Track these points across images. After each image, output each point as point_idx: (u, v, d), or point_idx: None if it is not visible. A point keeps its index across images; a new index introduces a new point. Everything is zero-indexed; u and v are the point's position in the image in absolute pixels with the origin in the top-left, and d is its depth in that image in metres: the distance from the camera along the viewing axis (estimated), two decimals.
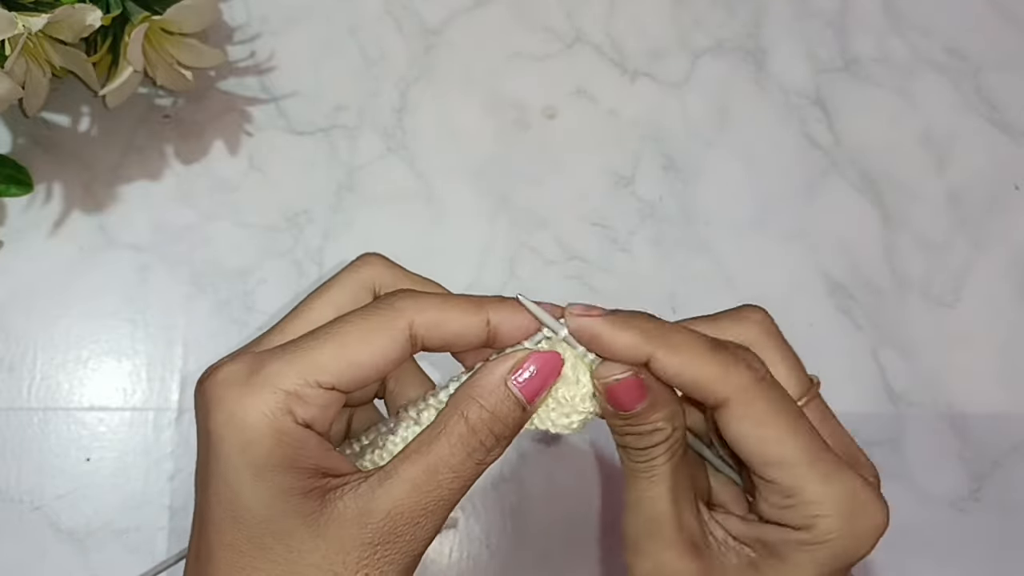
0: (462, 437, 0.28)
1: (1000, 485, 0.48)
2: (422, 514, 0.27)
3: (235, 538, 0.27)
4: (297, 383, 0.27)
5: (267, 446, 0.27)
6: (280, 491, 0.27)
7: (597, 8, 0.52)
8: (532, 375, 0.29)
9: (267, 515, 0.27)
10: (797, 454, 0.29)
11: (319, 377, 0.27)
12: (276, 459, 0.27)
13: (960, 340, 0.50)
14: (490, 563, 0.44)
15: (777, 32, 0.53)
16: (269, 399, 0.27)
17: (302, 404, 0.27)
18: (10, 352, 0.44)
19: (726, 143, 0.51)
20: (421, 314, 0.28)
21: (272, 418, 0.27)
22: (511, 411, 0.29)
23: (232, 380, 0.27)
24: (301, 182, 0.48)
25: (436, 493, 0.28)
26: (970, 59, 0.54)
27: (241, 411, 0.27)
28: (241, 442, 0.27)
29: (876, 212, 0.51)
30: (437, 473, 0.28)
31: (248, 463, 0.27)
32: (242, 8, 0.49)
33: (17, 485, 0.42)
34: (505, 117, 0.50)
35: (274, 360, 0.28)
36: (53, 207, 0.45)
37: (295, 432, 0.27)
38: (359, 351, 0.28)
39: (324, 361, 0.27)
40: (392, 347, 0.28)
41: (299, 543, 0.27)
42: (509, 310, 0.30)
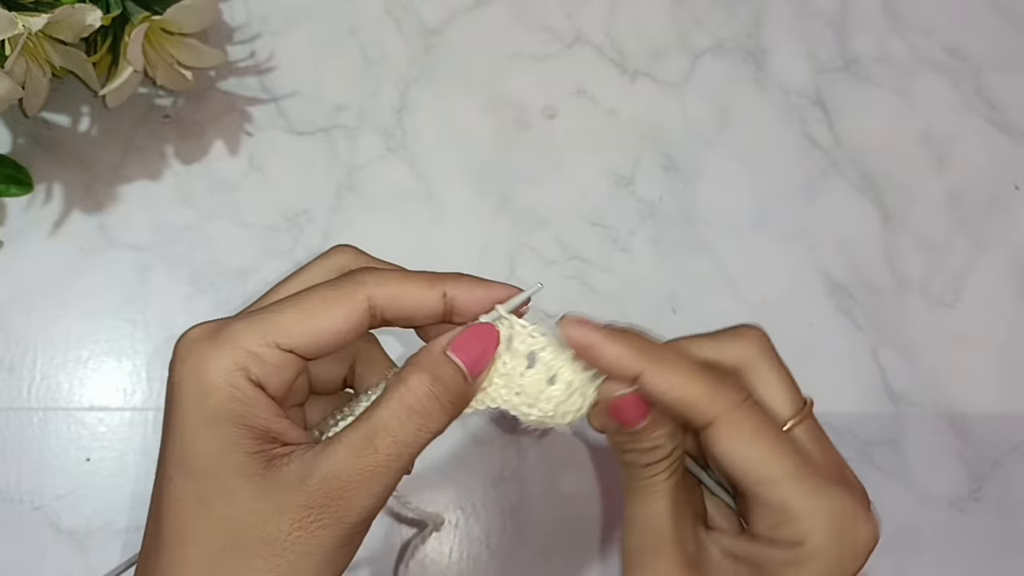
0: (400, 400, 0.29)
1: (1000, 485, 0.48)
2: (358, 479, 0.28)
3: (182, 492, 0.28)
4: (256, 342, 0.28)
5: (219, 398, 0.28)
6: (227, 445, 0.28)
7: (597, 8, 0.52)
8: (462, 335, 0.30)
9: (213, 469, 0.28)
10: (783, 472, 0.30)
11: (278, 339, 0.28)
12: (226, 412, 0.28)
13: (960, 340, 0.50)
14: (490, 563, 0.44)
15: (777, 32, 0.53)
16: (228, 354, 0.28)
17: (258, 362, 0.28)
18: (10, 352, 0.44)
19: (726, 143, 0.51)
20: (380, 287, 0.30)
21: (227, 372, 0.28)
22: (451, 377, 0.30)
23: (198, 337, 0.29)
24: (301, 182, 0.48)
25: (372, 458, 0.28)
26: (970, 59, 0.54)
27: (201, 363, 0.28)
28: (198, 392, 0.28)
29: (876, 212, 0.51)
30: (374, 437, 0.28)
31: (201, 412, 0.28)
32: (242, 8, 0.49)
33: (17, 485, 0.42)
34: (505, 117, 0.50)
35: (238, 321, 0.29)
36: (53, 207, 0.45)
37: (247, 389, 0.28)
38: (319, 317, 0.29)
39: (284, 324, 0.29)
40: (351, 316, 0.29)
41: (239, 501, 0.27)
42: (465, 285, 0.31)
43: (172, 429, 0.28)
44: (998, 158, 0.53)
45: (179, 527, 0.28)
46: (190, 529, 0.28)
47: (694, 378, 0.30)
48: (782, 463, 0.30)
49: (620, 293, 0.48)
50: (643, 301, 0.48)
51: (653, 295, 0.48)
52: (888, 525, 0.47)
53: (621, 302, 0.48)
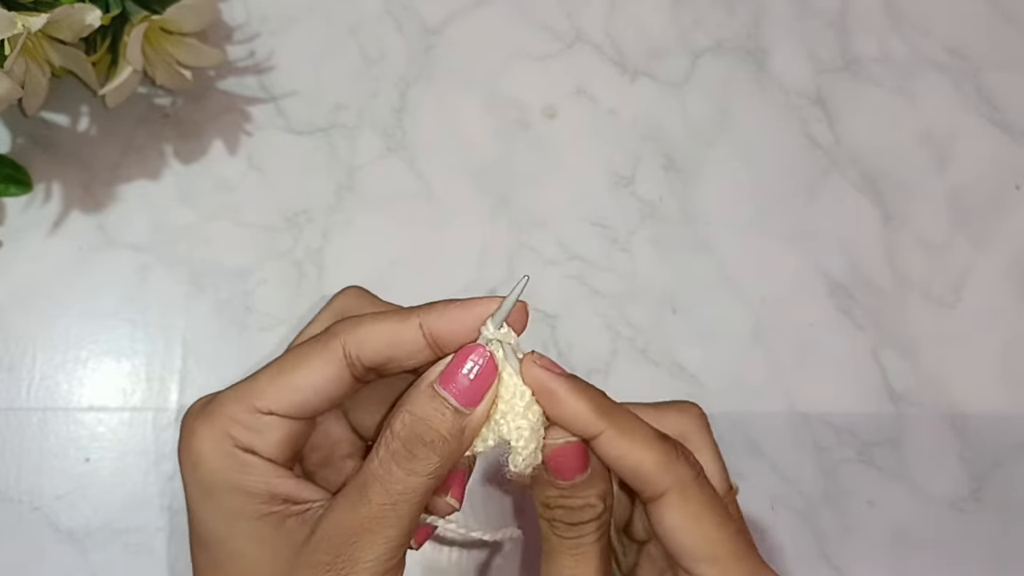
0: (388, 447, 0.28)
1: (1000, 485, 0.48)
2: (356, 532, 0.27)
3: (200, 562, 0.29)
4: (235, 410, 0.28)
5: (211, 468, 0.28)
6: (231, 513, 0.28)
7: (597, 8, 0.52)
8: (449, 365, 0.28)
9: (222, 536, 0.28)
10: (728, 551, 0.30)
11: (256, 402, 0.28)
12: (221, 482, 0.28)
13: (960, 340, 0.50)
14: (489, 563, 0.44)
15: (777, 32, 0.53)
16: (212, 425, 0.28)
17: (241, 429, 0.28)
18: (9, 352, 0.44)
19: (726, 143, 0.51)
20: (352, 332, 0.29)
21: (214, 442, 0.28)
22: (436, 413, 0.28)
23: (191, 412, 0.30)
24: (301, 182, 0.48)
25: (365, 509, 0.27)
26: (970, 59, 0.54)
27: (193, 438, 0.29)
28: (191, 466, 0.28)
29: (876, 212, 0.51)
30: (366, 487, 0.28)
31: (199, 485, 0.28)
32: (241, 8, 0.49)
33: (17, 485, 0.42)
34: (505, 117, 0.50)
35: (224, 393, 0.29)
36: (52, 207, 0.45)
37: (237, 455, 0.28)
38: (293, 375, 0.29)
39: (260, 387, 0.29)
40: (327, 369, 0.29)
41: (251, 565, 0.28)
42: (437, 311, 0.29)
43: (187, 504, 0.29)
44: (998, 158, 0.53)
45: None
46: None
47: (652, 446, 0.29)
48: (727, 542, 0.30)
49: (620, 293, 0.48)
50: (643, 301, 0.48)
51: (653, 295, 0.48)
52: (888, 525, 0.47)
53: (621, 302, 0.48)
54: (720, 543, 0.30)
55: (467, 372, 0.28)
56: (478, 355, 0.28)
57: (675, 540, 0.30)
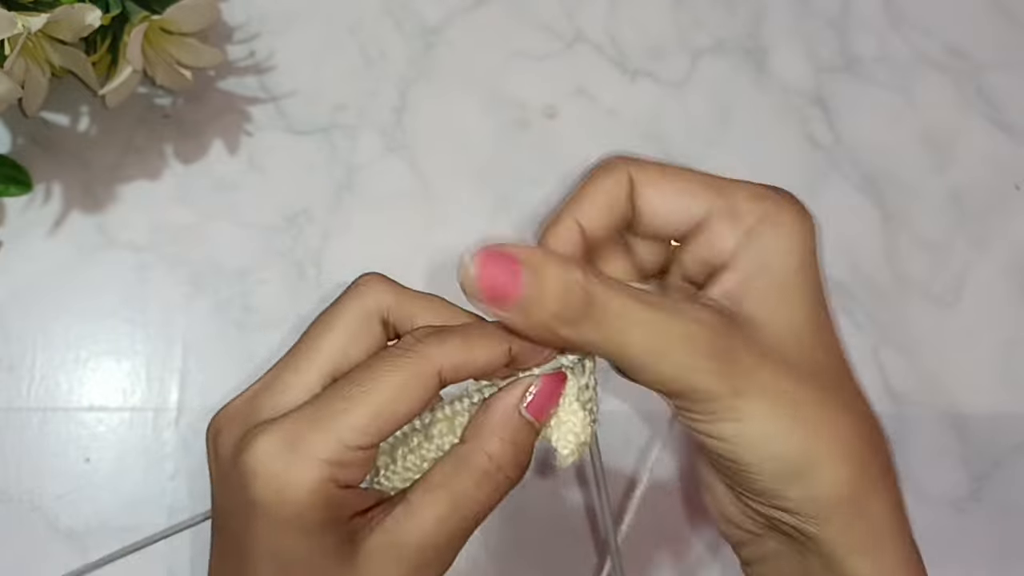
0: (487, 473, 0.29)
1: (1000, 485, 0.48)
2: (447, 545, 0.29)
3: None
4: (337, 450, 0.27)
5: (316, 515, 0.27)
6: (324, 547, 0.28)
7: (597, 7, 0.52)
8: (538, 395, 0.30)
9: (313, 569, 0.28)
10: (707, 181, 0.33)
11: (358, 441, 0.28)
12: (323, 522, 0.27)
13: (960, 340, 0.50)
14: (489, 563, 0.44)
15: (777, 32, 0.53)
16: (314, 472, 0.27)
17: (343, 469, 0.28)
18: (9, 352, 0.44)
19: (726, 143, 0.51)
20: (448, 358, 0.28)
21: (319, 490, 0.27)
22: (527, 437, 0.30)
23: (273, 453, 0.28)
24: (301, 182, 0.48)
25: (460, 526, 0.29)
26: (970, 59, 0.54)
27: (289, 486, 0.27)
28: (291, 514, 0.27)
29: (876, 212, 0.51)
30: (462, 508, 0.29)
31: (299, 531, 0.27)
32: (241, 7, 0.49)
33: (17, 485, 0.42)
34: (505, 117, 0.50)
35: (310, 429, 0.28)
36: (52, 207, 0.45)
37: (339, 495, 0.28)
38: (393, 408, 0.28)
39: (360, 424, 0.28)
40: (424, 397, 0.28)
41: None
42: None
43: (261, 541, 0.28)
44: (998, 158, 0.53)
45: None
46: None
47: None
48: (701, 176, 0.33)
49: None
50: None
51: None
52: None
53: None
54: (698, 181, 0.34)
55: (551, 400, 0.30)
56: (561, 383, 0.30)
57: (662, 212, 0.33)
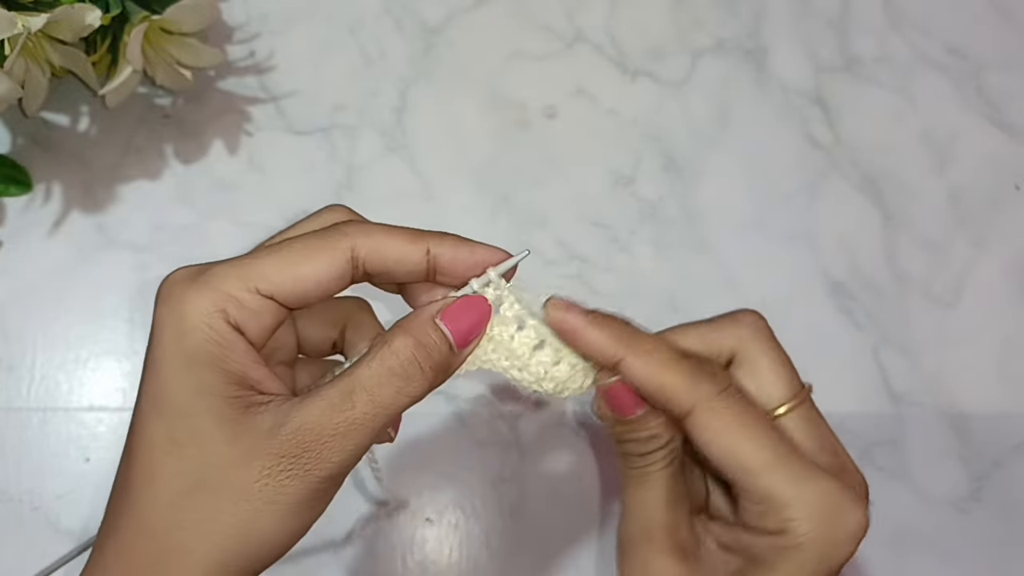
0: (382, 359, 0.29)
1: (1000, 485, 0.48)
2: (332, 433, 0.28)
3: (154, 431, 0.28)
4: (237, 286, 0.28)
5: (197, 339, 0.28)
6: (202, 387, 0.28)
7: (597, 8, 0.52)
8: (451, 306, 0.30)
9: (187, 410, 0.28)
10: (764, 460, 0.30)
11: (259, 284, 0.28)
12: (204, 354, 0.28)
13: (960, 340, 0.50)
14: (489, 563, 0.44)
15: (777, 32, 0.53)
16: (207, 296, 0.28)
17: (237, 306, 0.28)
18: (10, 352, 0.44)
19: (726, 143, 0.51)
20: (364, 237, 0.29)
21: (206, 313, 0.28)
22: (437, 344, 0.29)
23: (180, 279, 0.29)
24: (301, 182, 0.48)
25: (348, 414, 0.28)
26: (970, 59, 0.54)
27: (181, 304, 0.28)
28: (176, 332, 0.28)
29: (876, 212, 0.51)
30: (352, 393, 0.28)
31: (179, 353, 0.28)
32: (241, 7, 0.49)
33: (17, 485, 0.42)
34: (505, 117, 0.50)
35: (220, 265, 0.29)
36: (52, 207, 0.45)
37: (225, 331, 0.28)
38: (301, 265, 0.29)
39: (265, 270, 0.29)
40: (333, 265, 0.29)
41: (210, 444, 0.27)
42: (449, 243, 0.30)
43: (150, 369, 0.29)
44: (998, 158, 0.53)
45: (149, 465, 0.28)
46: (159, 468, 0.28)
47: (671, 367, 0.31)
48: (764, 452, 0.30)
49: (620, 293, 0.48)
50: (643, 301, 0.48)
51: (653, 295, 0.48)
52: (888, 525, 0.47)
53: (621, 302, 0.48)
54: (754, 453, 0.30)
55: (470, 317, 0.30)
56: (480, 304, 0.30)
57: (712, 456, 0.31)
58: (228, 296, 0.28)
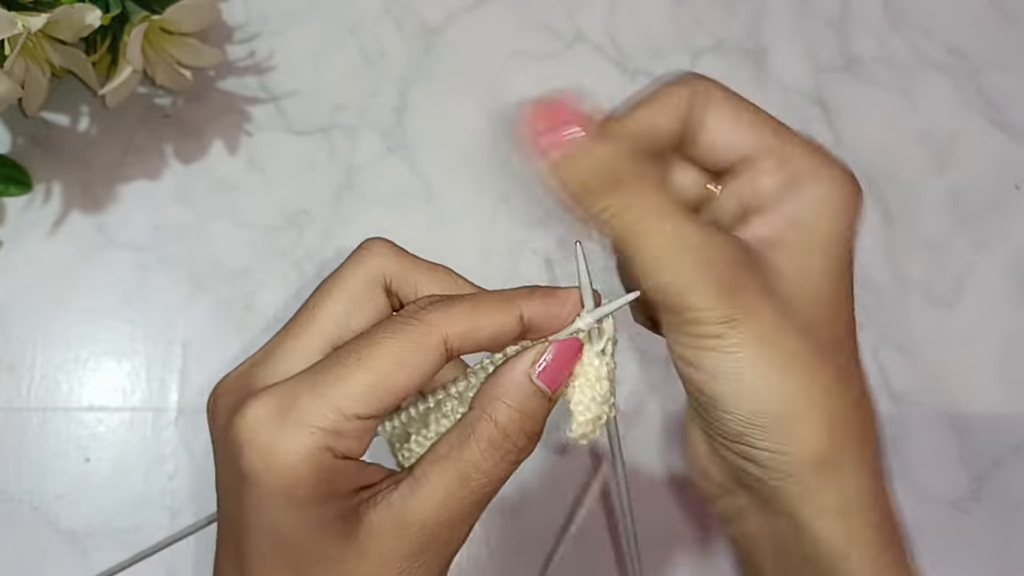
0: (493, 441, 0.27)
1: (1000, 485, 0.48)
2: (457, 519, 0.27)
3: (276, 564, 0.27)
4: (333, 418, 0.26)
5: (309, 486, 0.26)
6: (322, 521, 0.26)
7: (597, 7, 0.52)
8: (551, 362, 0.28)
9: (309, 543, 0.26)
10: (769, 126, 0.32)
11: (356, 410, 0.26)
12: (318, 494, 0.26)
13: (960, 340, 0.50)
14: (489, 563, 0.44)
15: (777, 32, 0.53)
16: (307, 440, 0.25)
17: (340, 438, 0.26)
18: (10, 352, 0.44)
19: None
20: (453, 326, 0.27)
21: (312, 459, 0.26)
22: (539, 406, 0.28)
23: (264, 420, 0.26)
24: (301, 182, 0.48)
25: (470, 499, 0.27)
26: (970, 59, 0.54)
27: (280, 454, 0.26)
28: (282, 484, 0.26)
29: (876, 212, 0.51)
30: (470, 480, 0.27)
31: (290, 502, 0.26)
32: (241, 7, 0.49)
33: (17, 485, 0.42)
34: (505, 117, 0.50)
35: (305, 395, 0.26)
36: (52, 207, 0.45)
37: (335, 466, 0.26)
38: (394, 377, 0.26)
39: (358, 392, 0.26)
40: (427, 366, 0.27)
41: (341, 564, 0.26)
42: (540, 302, 0.29)
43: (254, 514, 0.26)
44: (998, 158, 0.53)
45: None
46: None
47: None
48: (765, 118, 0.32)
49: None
50: None
51: None
52: None
53: None
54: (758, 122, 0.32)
55: (565, 367, 0.29)
56: (575, 349, 0.29)
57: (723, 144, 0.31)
58: (327, 432, 0.26)
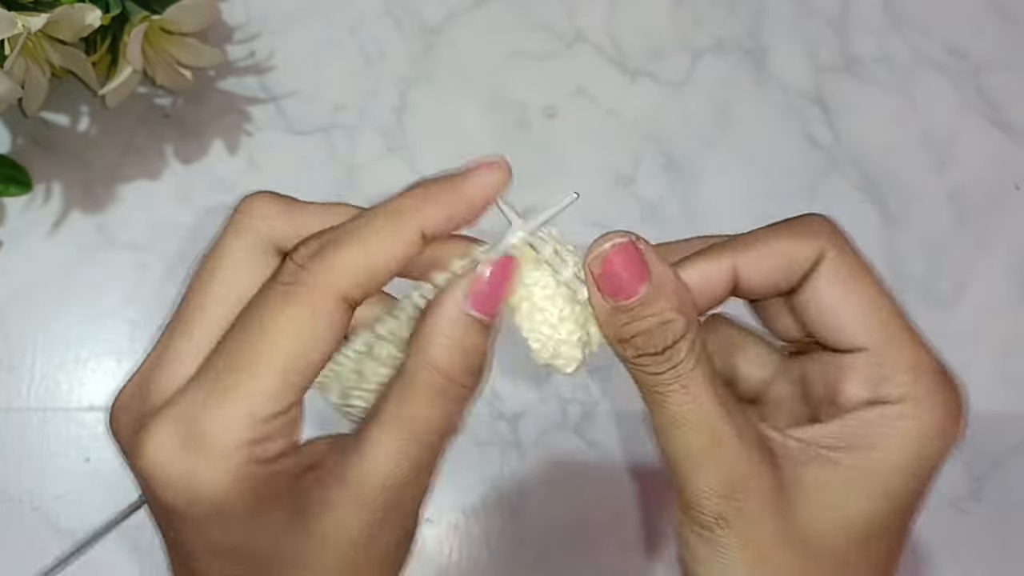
0: (437, 389, 0.24)
1: (1000, 485, 0.48)
2: (414, 476, 0.25)
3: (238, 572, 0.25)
4: (247, 428, 0.23)
5: (245, 502, 0.23)
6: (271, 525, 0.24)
7: (597, 7, 0.52)
8: (484, 289, 0.25)
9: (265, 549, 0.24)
10: (891, 315, 0.26)
11: (268, 410, 0.23)
12: (258, 504, 0.23)
13: (960, 340, 0.50)
14: (489, 563, 0.44)
15: (777, 32, 0.53)
16: (225, 462, 0.23)
17: (262, 444, 0.23)
18: (10, 352, 0.44)
19: (726, 143, 0.51)
20: (347, 278, 0.24)
21: (238, 478, 0.23)
22: (479, 338, 0.25)
23: (170, 450, 0.23)
24: (301, 182, 0.48)
25: (425, 453, 0.25)
26: (970, 59, 0.54)
27: (199, 486, 0.23)
28: (214, 511, 0.23)
29: (876, 212, 0.51)
30: (419, 435, 0.25)
31: (229, 523, 0.23)
32: (241, 7, 0.49)
33: (17, 485, 0.42)
34: (505, 117, 0.50)
35: (207, 411, 0.23)
36: (52, 207, 0.45)
37: (268, 470, 0.23)
38: (300, 359, 0.23)
39: (265, 389, 0.23)
40: (333, 332, 0.24)
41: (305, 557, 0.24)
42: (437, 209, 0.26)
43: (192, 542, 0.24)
44: (998, 158, 0.53)
45: None
46: None
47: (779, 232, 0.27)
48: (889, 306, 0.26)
49: None
50: None
51: None
52: None
53: None
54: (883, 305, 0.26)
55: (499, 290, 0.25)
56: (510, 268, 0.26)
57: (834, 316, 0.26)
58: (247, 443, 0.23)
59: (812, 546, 0.26)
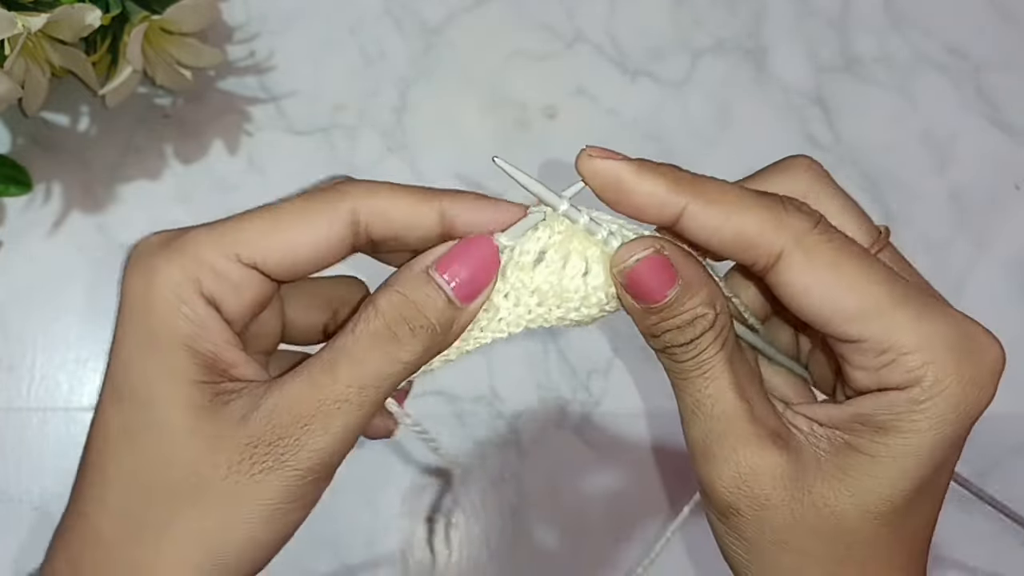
0: (367, 325, 0.24)
1: (1000, 485, 0.48)
2: (313, 414, 0.23)
3: (109, 421, 0.24)
4: (214, 253, 0.24)
5: (164, 314, 0.24)
6: (166, 371, 0.23)
7: (597, 8, 0.52)
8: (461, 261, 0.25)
9: (146, 396, 0.24)
10: (879, 299, 0.24)
11: (240, 250, 0.24)
12: (170, 331, 0.24)
13: None
14: (489, 563, 0.44)
15: (777, 32, 0.53)
16: (179, 264, 0.24)
17: (213, 276, 0.24)
18: (10, 352, 0.44)
19: (726, 143, 0.51)
20: (367, 198, 0.25)
21: (176, 284, 0.24)
22: (428, 299, 0.24)
23: (152, 245, 0.25)
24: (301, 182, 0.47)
25: (330, 389, 0.24)
26: (970, 59, 0.54)
27: (149, 274, 0.24)
28: (142, 306, 0.24)
29: (877, 212, 0.51)
30: (334, 365, 0.24)
31: (143, 330, 0.24)
32: (241, 8, 0.49)
33: (17, 485, 0.42)
34: (505, 117, 0.50)
35: (197, 229, 0.25)
36: (52, 207, 0.45)
37: (197, 305, 0.24)
38: (293, 229, 0.24)
39: (249, 234, 0.24)
40: (332, 229, 0.25)
41: (169, 436, 0.23)
42: (468, 203, 0.26)
43: (113, 348, 0.24)
44: (998, 158, 0.53)
45: (101, 463, 0.24)
46: (112, 465, 0.24)
47: (750, 206, 0.25)
48: (876, 289, 0.24)
49: None
50: None
51: None
52: None
53: None
54: (867, 291, 0.24)
55: (472, 262, 0.25)
56: (483, 246, 0.25)
57: (812, 305, 0.24)
58: (203, 264, 0.24)
59: (837, 530, 0.25)
